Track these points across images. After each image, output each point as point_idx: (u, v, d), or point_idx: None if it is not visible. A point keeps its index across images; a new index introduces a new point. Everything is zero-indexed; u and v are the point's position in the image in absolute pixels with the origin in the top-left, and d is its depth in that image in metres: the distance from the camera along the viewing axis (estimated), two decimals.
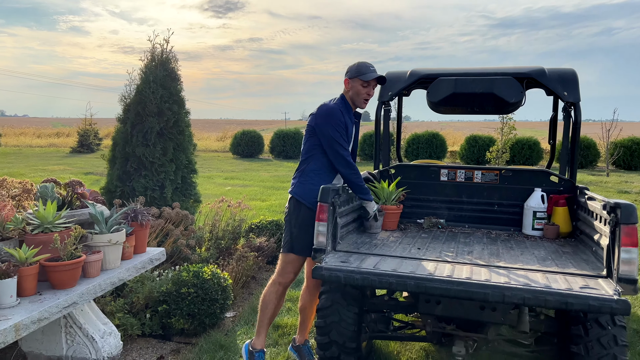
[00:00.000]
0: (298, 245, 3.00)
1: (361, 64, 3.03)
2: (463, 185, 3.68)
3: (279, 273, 3.11)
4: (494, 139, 17.90)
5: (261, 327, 3.12)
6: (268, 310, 3.12)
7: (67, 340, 2.97)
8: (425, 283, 2.34)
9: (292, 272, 3.08)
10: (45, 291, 2.50)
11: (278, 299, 3.12)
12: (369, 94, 3.05)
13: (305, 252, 2.98)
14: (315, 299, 3.16)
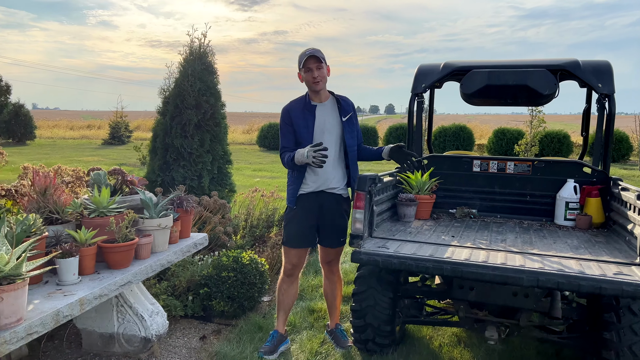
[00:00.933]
0: (285, 238, 3.26)
1: (299, 56, 3.08)
2: (495, 176, 3.74)
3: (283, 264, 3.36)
4: (522, 132, 17.68)
5: (278, 312, 3.38)
6: (278, 297, 3.36)
7: (118, 318, 3.16)
8: (461, 268, 2.44)
9: (288, 262, 3.27)
10: (102, 271, 2.69)
11: (283, 286, 3.32)
12: (314, 77, 3.02)
13: (289, 244, 3.23)
14: (333, 285, 3.40)
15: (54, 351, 3.20)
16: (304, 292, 4.27)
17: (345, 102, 3.19)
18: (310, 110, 3.11)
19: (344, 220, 3.22)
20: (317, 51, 3.02)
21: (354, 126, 3.20)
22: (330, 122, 3.13)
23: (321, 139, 3.07)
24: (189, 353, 3.23)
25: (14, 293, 1.96)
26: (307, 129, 3.09)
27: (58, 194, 2.86)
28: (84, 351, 3.21)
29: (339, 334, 3.39)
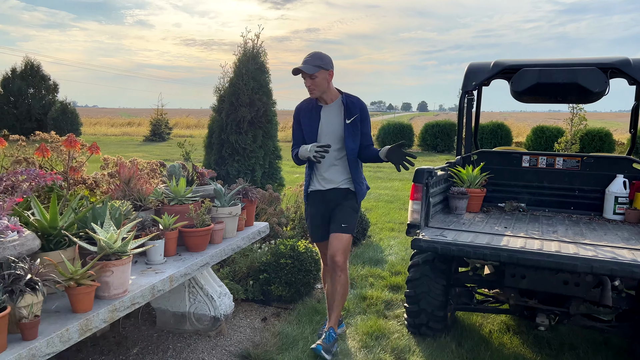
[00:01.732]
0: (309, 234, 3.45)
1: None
2: (544, 171, 3.86)
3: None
4: (562, 129, 17.41)
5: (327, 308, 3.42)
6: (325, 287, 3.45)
7: (190, 298, 3.45)
8: (517, 255, 2.60)
9: (322, 254, 3.46)
10: (182, 253, 2.97)
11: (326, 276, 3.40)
12: (307, 86, 3.12)
13: (312, 238, 3.46)
14: (334, 284, 3.22)
15: (131, 328, 3.50)
16: (354, 281, 4.48)
17: (353, 104, 3.17)
18: (316, 111, 3.21)
19: (345, 207, 3.22)
20: (310, 60, 3.05)
21: (357, 129, 3.16)
22: (333, 124, 3.17)
23: (322, 140, 3.17)
24: (253, 332, 3.49)
25: (122, 267, 2.24)
26: (311, 129, 3.20)
27: (141, 184, 3.16)
28: (157, 328, 3.51)
29: (326, 337, 3.15)
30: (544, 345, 3.31)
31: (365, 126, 3.20)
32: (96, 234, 2.18)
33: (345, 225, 3.18)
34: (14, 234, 2.05)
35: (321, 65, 3.05)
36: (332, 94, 3.19)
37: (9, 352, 1.75)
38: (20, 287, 1.82)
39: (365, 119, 3.20)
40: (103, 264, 2.16)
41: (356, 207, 3.28)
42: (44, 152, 2.64)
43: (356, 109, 3.16)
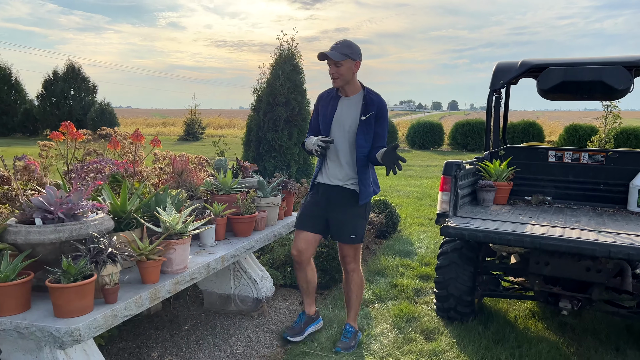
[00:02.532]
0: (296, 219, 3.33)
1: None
2: (570, 166, 4.02)
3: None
4: (595, 128, 17.16)
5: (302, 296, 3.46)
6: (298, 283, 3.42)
7: (235, 281, 3.76)
8: (539, 240, 2.80)
9: (294, 248, 3.25)
10: (230, 238, 3.28)
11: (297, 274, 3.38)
12: (330, 73, 3.00)
13: (296, 224, 3.28)
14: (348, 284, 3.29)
15: (180, 308, 3.83)
16: (385, 270, 4.72)
17: (372, 100, 3.04)
18: (334, 102, 3.11)
19: (352, 216, 3.13)
20: (338, 48, 2.94)
21: (371, 127, 3.03)
22: (348, 118, 3.06)
23: (334, 131, 3.08)
24: (291, 314, 3.77)
25: (183, 246, 2.55)
26: (326, 119, 3.10)
27: (192, 175, 3.48)
28: (204, 309, 3.83)
29: (344, 332, 3.26)
30: (567, 330, 3.48)
31: (380, 126, 3.05)
32: (162, 216, 2.50)
33: (354, 236, 3.14)
34: (94, 215, 2.38)
35: (348, 54, 2.93)
36: (355, 86, 3.07)
37: (96, 312, 2.07)
38: (103, 258, 2.15)
39: (381, 118, 3.05)
40: (167, 242, 2.47)
41: (364, 213, 3.19)
42: (115, 145, 2.98)
43: (374, 106, 3.03)
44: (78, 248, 2.17)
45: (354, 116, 3.05)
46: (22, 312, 2.07)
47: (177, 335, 3.36)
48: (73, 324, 1.96)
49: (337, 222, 3.16)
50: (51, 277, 2.05)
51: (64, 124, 2.78)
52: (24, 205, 2.27)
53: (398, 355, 3.09)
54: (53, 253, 2.22)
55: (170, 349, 3.17)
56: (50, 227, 2.16)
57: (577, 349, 3.19)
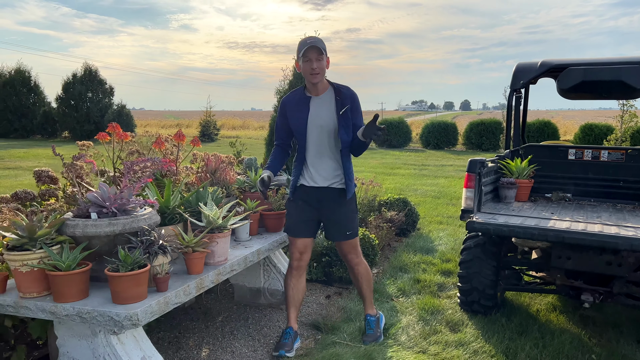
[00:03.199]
0: (287, 227, 3.23)
1: (299, 44, 2.92)
2: (590, 164, 4.11)
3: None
4: (611, 127, 17.07)
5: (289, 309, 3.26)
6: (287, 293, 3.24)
7: (264, 275, 3.91)
8: (563, 234, 2.91)
9: (296, 251, 3.18)
10: (262, 233, 3.43)
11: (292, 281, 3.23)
12: (312, 68, 2.88)
13: (291, 233, 3.17)
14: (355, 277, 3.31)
15: (212, 301, 3.99)
16: (407, 266, 4.84)
17: (344, 94, 3.00)
18: (305, 103, 3.02)
19: (345, 214, 3.12)
20: (319, 41, 2.87)
21: (349, 120, 2.99)
22: (325, 116, 3.00)
23: (311, 133, 3.02)
24: (319, 307, 3.91)
25: (224, 239, 2.71)
26: (300, 121, 3.02)
27: (225, 174, 3.64)
28: (235, 302, 3.99)
29: (366, 324, 3.34)
30: (588, 323, 3.58)
31: (356, 117, 3.02)
32: (205, 211, 2.66)
33: (349, 232, 3.15)
34: (142, 210, 2.54)
35: (325, 50, 2.90)
36: (325, 84, 3.02)
37: (150, 299, 2.23)
38: (155, 249, 2.31)
39: (356, 109, 3.03)
40: (210, 235, 2.63)
41: (355, 208, 3.19)
42: (160, 144, 3.15)
43: (347, 99, 2.99)
44: (131, 240, 2.34)
45: (330, 114, 3.00)
46: (82, 299, 2.24)
47: (211, 326, 3.52)
48: (131, 309, 2.12)
49: (332, 223, 3.15)
50: (109, 266, 2.21)
51: (111, 125, 2.95)
52: (80, 201, 2.44)
53: (425, 346, 3.21)
54: (107, 245, 2.39)
55: (207, 338, 3.33)
56: (105, 221, 2.33)
57: (598, 341, 3.29)
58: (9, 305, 2.27)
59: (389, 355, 3.09)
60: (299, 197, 3.16)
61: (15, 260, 2.20)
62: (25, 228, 2.23)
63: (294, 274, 3.23)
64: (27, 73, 26.53)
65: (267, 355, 3.13)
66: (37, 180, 3.52)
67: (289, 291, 3.24)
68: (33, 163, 13.97)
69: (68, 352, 2.43)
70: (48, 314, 2.21)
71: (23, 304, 2.24)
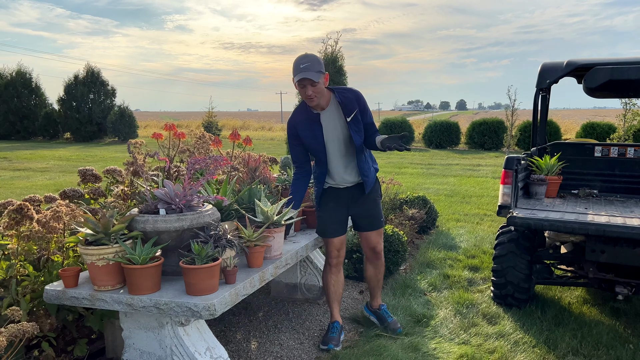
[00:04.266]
0: (321, 230, 3.25)
1: (294, 64, 2.84)
2: (616, 160, 4.22)
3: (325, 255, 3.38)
4: (613, 126, 17.26)
5: (332, 304, 3.35)
6: (329, 289, 3.33)
7: (301, 271, 4.00)
8: (604, 227, 3.02)
9: (333, 249, 3.24)
10: (304, 230, 3.52)
11: (332, 278, 3.30)
12: (308, 95, 2.84)
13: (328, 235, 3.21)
14: (377, 269, 3.40)
15: (250, 297, 4.08)
16: (433, 262, 4.94)
17: (348, 99, 2.98)
18: (315, 121, 3.00)
19: (375, 205, 3.24)
20: (311, 66, 2.78)
21: (360, 123, 3.00)
22: (337, 127, 3.02)
23: (330, 149, 3.04)
24: (354, 302, 4.00)
25: (280, 234, 2.80)
26: (317, 139, 3.02)
27: (265, 172, 3.73)
28: (272, 297, 4.08)
29: (384, 314, 3.45)
30: (620, 314, 3.69)
31: (366, 117, 3.03)
32: (263, 207, 2.75)
33: (382, 219, 3.30)
34: (204, 206, 2.63)
35: (321, 70, 2.83)
36: (327, 96, 2.98)
37: (222, 290, 2.32)
38: (223, 243, 2.40)
39: (364, 109, 3.02)
40: (268, 230, 2.72)
41: (380, 195, 3.32)
42: (217, 144, 3.24)
43: (353, 103, 2.98)
44: (198, 235, 2.43)
45: (341, 123, 3.00)
46: (156, 291, 2.33)
47: (254, 320, 3.61)
48: (208, 300, 2.21)
49: (366, 214, 3.23)
50: (184, 259, 2.30)
51: (167, 124, 3.04)
52: (148, 198, 2.53)
53: (466, 337, 3.31)
54: (175, 240, 2.48)
55: (253, 332, 3.42)
56: (174, 217, 2.42)
57: (633, 331, 3.40)
58: (84, 298, 2.35)
59: (433, 346, 3.19)
60: (329, 198, 3.21)
61: (92, 255, 2.28)
62: (101, 224, 2.31)
63: (333, 271, 3.31)
64: (28, 74, 26.53)
65: (314, 347, 3.22)
66: (82, 178, 3.61)
67: (331, 287, 3.31)
68: (41, 164, 14.02)
69: (134, 344, 2.52)
70: (124, 305, 2.29)
71: (99, 297, 2.33)
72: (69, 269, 2.40)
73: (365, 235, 3.32)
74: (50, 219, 2.43)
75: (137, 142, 3.05)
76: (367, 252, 3.40)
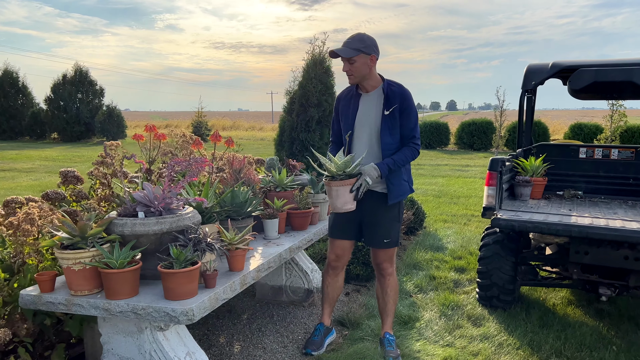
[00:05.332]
0: (329, 229, 3.23)
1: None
2: (600, 162, 4.24)
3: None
4: (600, 127, 17.42)
5: (323, 305, 3.32)
6: (323, 290, 3.30)
7: (286, 273, 3.97)
8: (587, 229, 3.02)
9: (332, 253, 3.20)
10: (289, 231, 3.49)
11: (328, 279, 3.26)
12: (345, 70, 2.87)
13: (331, 234, 3.17)
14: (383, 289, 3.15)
15: (234, 299, 4.04)
16: (420, 264, 4.94)
17: (393, 92, 2.87)
18: (355, 100, 2.97)
19: (385, 220, 3.00)
20: (349, 43, 2.82)
21: (396, 121, 2.86)
22: (371, 115, 2.92)
23: (359, 131, 2.95)
24: (341, 304, 3.98)
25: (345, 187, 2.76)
26: (347, 119, 2.98)
27: (249, 174, 3.69)
28: (257, 300, 4.04)
29: (386, 343, 3.10)
30: (604, 316, 3.70)
31: (405, 118, 2.86)
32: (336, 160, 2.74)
33: (387, 240, 3.01)
34: (185, 209, 2.59)
35: (361, 49, 2.79)
36: (374, 81, 2.91)
37: (201, 295, 2.28)
38: (203, 246, 2.36)
39: (406, 109, 2.86)
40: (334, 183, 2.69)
41: (397, 215, 3.04)
42: (198, 145, 3.20)
43: (396, 98, 2.86)
44: (177, 238, 2.38)
45: (376, 112, 2.89)
46: (133, 296, 2.28)
47: (238, 323, 3.58)
48: (186, 305, 2.17)
49: (370, 228, 3.03)
50: (162, 263, 2.26)
51: (147, 126, 2.99)
52: (126, 200, 2.49)
53: (451, 340, 3.30)
54: (154, 243, 2.43)
55: (236, 335, 3.38)
56: (152, 220, 2.38)
57: (616, 333, 3.41)
58: (60, 303, 2.30)
59: (417, 348, 3.17)
60: None
61: (68, 259, 2.23)
62: (78, 227, 2.27)
63: (331, 273, 3.24)
64: (15, 74, 26.21)
65: (298, 351, 3.19)
66: (63, 180, 3.54)
67: (325, 288, 3.28)
68: (27, 164, 13.85)
69: (113, 349, 2.48)
70: (101, 310, 2.25)
71: (75, 302, 2.28)
72: (45, 273, 2.35)
73: (372, 250, 3.14)
74: (22, 221, 2.38)
75: (112, 144, 3.00)
76: (374, 267, 3.21)
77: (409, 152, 2.90)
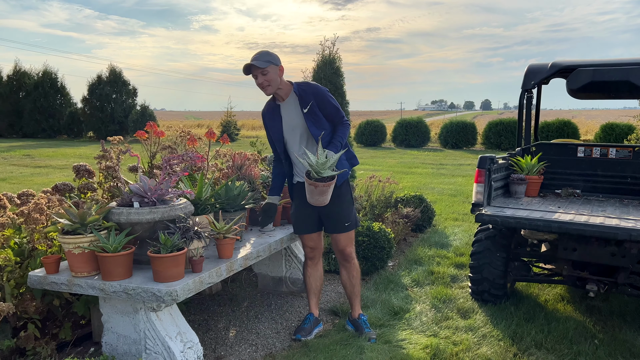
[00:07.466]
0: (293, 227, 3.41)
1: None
2: (598, 161, 4.27)
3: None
4: (633, 127, 16.96)
5: (309, 296, 3.51)
6: (306, 282, 3.48)
7: (286, 265, 4.17)
8: (566, 225, 3.10)
9: (306, 246, 3.40)
10: (284, 225, 3.69)
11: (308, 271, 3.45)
12: (258, 84, 3.02)
13: (296, 231, 3.37)
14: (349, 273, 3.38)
15: (237, 289, 4.27)
16: (421, 259, 5.05)
17: (305, 92, 3.08)
18: (276, 111, 3.18)
19: (341, 204, 3.20)
20: (258, 57, 2.97)
21: (317, 115, 3.08)
22: (294, 119, 3.13)
23: (290, 135, 3.16)
24: (337, 295, 4.15)
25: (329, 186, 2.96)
26: (276, 129, 3.18)
27: (250, 170, 3.91)
28: (259, 290, 4.26)
29: (362, 324, 3.35)
30: (594, 312, 3.75)
31: (325, 109, 3.09)
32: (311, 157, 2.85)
33: (348, 224, 3.23)
34: (179, 200, 2.82)
35: (271, 61, 2.98)
36: (286, 87, 3.11)
37: (187, 278, 2.50)
38: (191, 234, 2.58)
39: (322, 102, 3.08)
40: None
41: (350, 199, 3.26)
42: (193, 141, 3.43)
43: (309, 95, 3.07)
44: (169, 227, 2.61)
45: (297, 114, 3.10)
46: (127, 278, 2.52)
47: (237, 310, 3.80)
48: (171, 286, 2.39)
49: (328, 216, 3.22)
50: (152, 248, 2.49)
51: (149, 124, 3.24)
52: (123, 192, 2.73)
53: (436, 330, 3.43)
54: (147, 231, 2.67)
55: (234, 321, 3.60)
56: (146, 209, 2.61)
57: (602, 328, 3.46)
58: (62, 283, 2.56)
59: (402, 337, 3.31)
60: (298, 194, 3.28)
61: (69, 243, 2.49)
62: (78, 215, 2.52)
63: (309, 264, 3.46)
64: (54, 75, 27.35)
65: (288, 336, 3.38)
66: (76, 174, 3.83)
67: (307, 280, 3.48)
68: (62, 162, 14.52)
69: (112, 328, 2.72)
70: (97, 290, 2.50)
71: (75, 282, 2.53)
72: (50, 257, 2.62)
73: (332, 236, 3.33)
74: (32, 210, 2.65)
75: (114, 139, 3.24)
76: (337, 255, 3.40)
77: (342, 128, 3.15)
